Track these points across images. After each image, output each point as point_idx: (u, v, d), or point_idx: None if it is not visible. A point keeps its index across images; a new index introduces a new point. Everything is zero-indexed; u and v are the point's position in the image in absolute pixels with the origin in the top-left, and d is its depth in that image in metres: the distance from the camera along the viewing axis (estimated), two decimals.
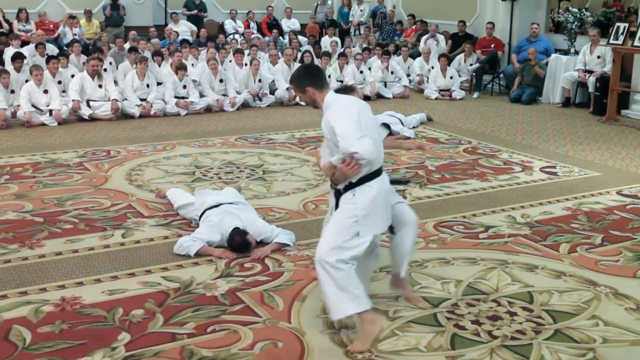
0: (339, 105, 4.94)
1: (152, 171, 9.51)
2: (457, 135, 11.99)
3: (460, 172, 9.56)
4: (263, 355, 4.81)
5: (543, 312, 5.49)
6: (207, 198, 7.32)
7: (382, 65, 16.51)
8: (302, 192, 8.61)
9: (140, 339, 5.01)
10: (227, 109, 14.27)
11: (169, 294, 5.74)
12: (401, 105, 14.99)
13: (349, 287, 4.77)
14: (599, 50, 14.67)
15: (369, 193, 4.89)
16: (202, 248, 6.55)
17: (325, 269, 4.79)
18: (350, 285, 4.78)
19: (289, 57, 15.52)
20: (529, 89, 15.77)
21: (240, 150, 10.80)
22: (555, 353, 4.87)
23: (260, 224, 6.98)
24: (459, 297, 5.74)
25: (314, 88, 5.04)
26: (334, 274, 4.76)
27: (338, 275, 4.76)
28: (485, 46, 17.61)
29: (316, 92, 5.05)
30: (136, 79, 13.73)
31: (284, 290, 5.81)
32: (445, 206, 8.09)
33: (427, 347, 4.95)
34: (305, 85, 5.06)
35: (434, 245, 6.87)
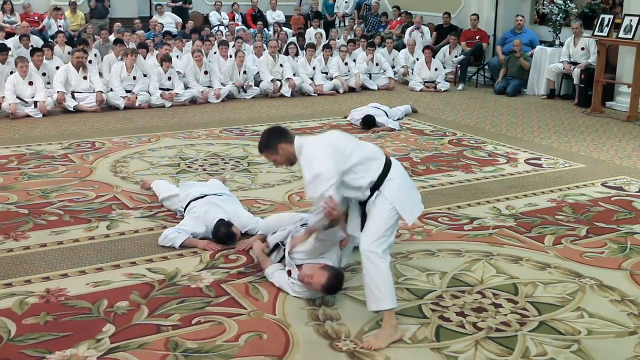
0: (309, 148, 4.99)
1: (137, 163, 9.49)
2: (442, 127, 12.00)
3: (446, 164, 9.57)
4: (248, 347, 4.81)
5: (528, 304, 5.50)
6: (192, 190, 7.30)
7: (367, 58, 16.52)
8: (287, 184, 8.60)
9: (125, 330, 5.00)
10: (212, 100, 14.25)
11: (154, 285, 5.73)
12: (386, 97, 15.00)
13: (389, 283, 4.89)
14: (583, 42, 14.71)
15: (393, 184, 4.96)
16: (187, 240, 6.55)
17: (371, 260, 4.85)
18: (390, 280, 4.90)
19: (273, 49, 15.49)
20: (514, 81, 15.79)
21: (226, 142, 10.78)
22: (540, 345, 4.89)
23: (246, 216, 6.98)
24: (444, 289, 5.75)
25: (286, 143, 5.06)
26: (381, 265, 4.85)
27: (385, 266, 4.86)
28: (470, 38, 17.62)
29: (288, 146, 5.05)
30: (124, 71, 13.70)
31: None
32: (431, 198, 8.09)
33: (412, 339, 4.96)
34: (277, 145, 5.07)
35: (419, 237, 6.88)
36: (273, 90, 15.02)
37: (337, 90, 15.77)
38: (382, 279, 4.85)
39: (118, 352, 4.71)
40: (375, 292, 4.88)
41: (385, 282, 4.87)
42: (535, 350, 4.82)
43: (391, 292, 4.90)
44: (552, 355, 4.76)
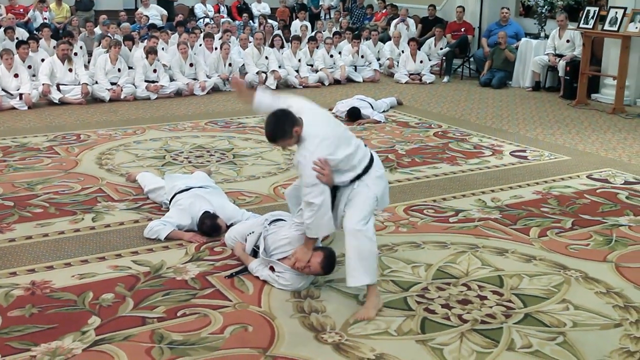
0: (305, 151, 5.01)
1: (123, 155, 9.47)
2: (427, 119, 12.02)
3: (431, 156, 9.58)
4: (233, 339, 4.81)
5: (513, 296, 5.51)
6: (177, 182, 7.30)
7: (353, 50, 16.51)
8: (272, 176, 8.60)
9: (110, 322, 5.00)
10: (198, 92, 14.23)
11: (139, 277, 5.73)
12: (371, 89, 15.00)
13: (372, 260, 5.13)
14: (568, 34, 14.74)
15: (373, 174, 5.22)
16: (172, 232, 6.54)
17: (358, 238, 5.06)
18: (373, 258, 5.13)
19: (259, 41, 15.46)
20: (499, 73, 15.82)
21: (211, 134, 10.77)
22: (525, 337, 4.90)
23: (231, 208, 6.98)
24: (429, 281, 5.76)
25: (298, 125, 5.00)
26: (366, 244, 5.07)
27: (371, 247, 5.10)
28: (456, 30, 17.64)
29: (299, 127, 5.00)
30: (108, 63, 13.66)
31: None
32: (416, 190, 8.11)
33: (397, 331, 4.97)
34: (292, 129, 4.98)
35: (404, 229, 6.89)
36: (258, 82, 14.99)
37: (322, 82, 15.78)
38: (366, 256, 5.08)
39: (103, 344, 4.70)
40: (357, 268, 5.06)
41: (370, 259, 5.10)
42: (520, 342, 4.83)
43: (374, 268, 5.17)
44: (537, 347, 4.78)
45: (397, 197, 7.79)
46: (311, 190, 4.98)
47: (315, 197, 4.99)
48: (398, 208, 7.45)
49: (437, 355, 4.65)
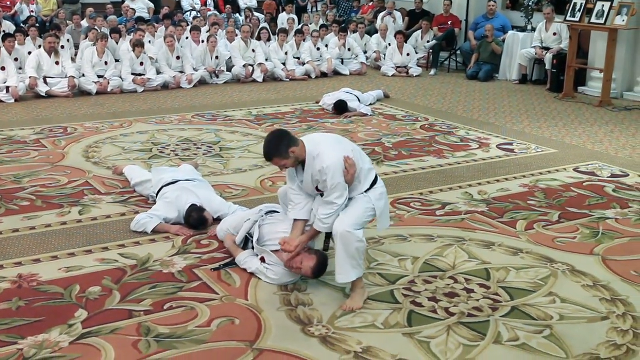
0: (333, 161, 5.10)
1: (109, 148, 9.45)
2: (414, 112, 12.02)
3: (418, 149, 9.59)
4: (220, 332, 4.81)
5: (500, 289, 5.52)
6: (164, 175, 7.29)
7: (340, 43, 16.50)
8: (259, 169, 8.60)
9: (97, 316, 4.99)
10: (184, 86, 14.21)
11: (126, 271, 5.72)
12: (358, 82, 15.01)
13: (359, 256, 5.19)
14: (555, 27, 14.77)
15: (379, 190, 5.36)
16: (159, 225, 6.54)
17: (347, 239, 5.11)
18: (360, 257, 5.19)
19: (246, 34, 15.44)
20: (486, 66, 15.83)
21: (197, 127, 10.76)
22: (512, 330, 4.91)
23: (218, 201, 6.97)
24: (416, 274, 5.77)
25: (295, 146, 5.08)
26: (355, 245, 5.13)
27: (360, 246, 5.16)
28: (442, 23, 17.65)
29: (297, 148, 5.08)
30: (95, 56, 13.63)
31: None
32: (402, 183, 8.12)
33: (384, 324, 4.98)
34: (287, 150, 5.06)
35: (391, 222, 6.87)
36: (245, 75, 14.99)
37: (309, 75, 15.77)
38: (354, 254, 5.14)
39: (90, 337, 4.70)
40: (345, 267, 5.14)
41: (357, 256, 5.17)
42: (507, 335, 4.84)
43: (361, 262, 5.24)
44: (524, 340, 4.79)
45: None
46: (336, 191, 5.10)
47: (339, 198, 5.12)
48: None
49: (424, 349, 4.66)
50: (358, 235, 5.15)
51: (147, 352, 4.54)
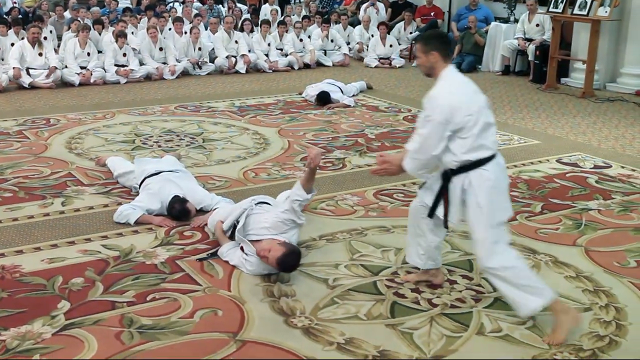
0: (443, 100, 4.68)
1: (92, 139, 9.43)
2: (397, 104, 12.03)
3: (400, 140, 9.57)
4: (203, 323, 4.81)
5: (483, 280, 5.51)
6: (147, 166, 7.28)
7: (322, 34, 16.49)
8: (241, 160, 8.59)
9: (79, 307, 4.98)
10: (167, 77, 14.20)
11: (108, 262, 5.71)
12: (341, 73, 15.00)
13: (523, 282, 4.65)
14: (538, 18, 14.81)
15: (486, 178, 4.67)
16: (142, 216, 6.53)
17: (495, 276, 4.72)
18: (522, 280, 4.66)
19: (229, 25, 15.41)
20: (468, 57, 15.85)
21: (180, 118, 10.74)
22: (495, 321, 4.93)
23: (200, 192, 6.97)
24: (398, 265, 5.77)
25: (440, 55, 4.81)
26: (503, 275, 4.67)
27: (506, 275, 4.66)
28: (425, 14, 17.69)
29: (440, 60, 4.82)
30: (77, 47, 13.59)
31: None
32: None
33: (367, 315, 4.98)
34: (432, 48, 4.80)
35: (373, 214, 6.91)
36: (228, 66, 14.97)
37: (291, 66, 15.76)
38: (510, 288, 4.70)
39: (73, 329, 4.69)
40: (511, 301, 4.76)
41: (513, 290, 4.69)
42: (490, 326, 4.86)
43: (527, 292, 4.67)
44: (506, 331, 4.81)
45: (367, 181, 7.82)
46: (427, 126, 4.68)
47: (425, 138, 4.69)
48: (368, 192, 7.47)
49: (407, 340, 4.67)
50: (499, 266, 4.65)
51: (129, 343, 4.53)
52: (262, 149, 9.06)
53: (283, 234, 5.60)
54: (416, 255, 5.27)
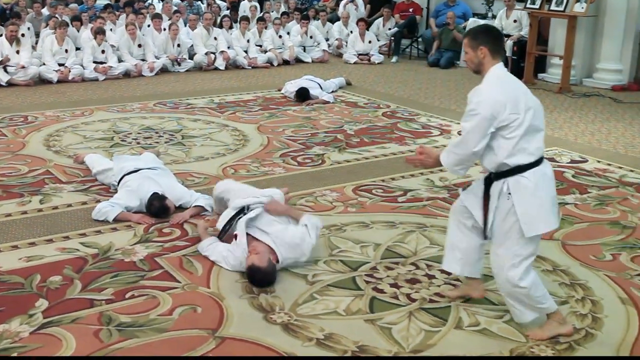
0: (490, 95, 4.50)
1: (70, 137, 9.39)
2: (376, 100, 12.06)
3: (379, 136, 9.62)
4: (182, 320, 4.81)
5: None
6: (126, 163, 7.26)
7: (301, 30, 16.50)
8: (221, 156, 8.59)
9: (58, 305, 4.97)
10: (146, 73, 14.14)
11: (87, 260, 5.69)
12: (320, 69, 15.01)
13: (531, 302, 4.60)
14: (515, 14, 14.88)
15: (524, 186, 4.46)
16: (120, 213, 6.51)
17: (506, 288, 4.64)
18: (532, 301, 4.59)
19: (208, 21, 15.39)
20: (447, 53, 15.91)
21: (159, 115, 10.71)
22: (473, 315, 4.96)
23: (179, 189, 6.96)
24: (377, 261, 5.80)
25: (489, 51, 4.60)
26: (517, 294, 4.59)
27: (521, 292, 4.56)
28: (404, 10, 17.70)
29: (488, 56, 4.61)
30: (55, 44, 13.50)
31: (204, 255, 5.79)
32: (364, 170, 8.14)
33: (346, 310, 5.00)
34: (481, 43, 4.60)
35: (352, 209, 6.92)
36: (207, 63, 14.94)
37: (271, 62, 15.75)
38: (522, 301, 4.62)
39: (51, 327, 4.68)
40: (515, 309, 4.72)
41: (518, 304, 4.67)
42: (468, 321, 4.89)
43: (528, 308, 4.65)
44: (484, 325, 4.84)
45: (346, 177, 7.84)
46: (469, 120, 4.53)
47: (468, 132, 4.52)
48: (347, 188, 7.48)
49: (386, 335, 4.69)
50: (524, 284, 4.51)
51: (108, 341, 4.53)
52: (241, 145, 9.06)
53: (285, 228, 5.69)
54: (453, 260, 5.05)
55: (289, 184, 7.36)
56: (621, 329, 4.86)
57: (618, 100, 12.29)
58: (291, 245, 5.54)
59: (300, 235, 5.59)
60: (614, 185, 7.81)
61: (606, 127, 10.45)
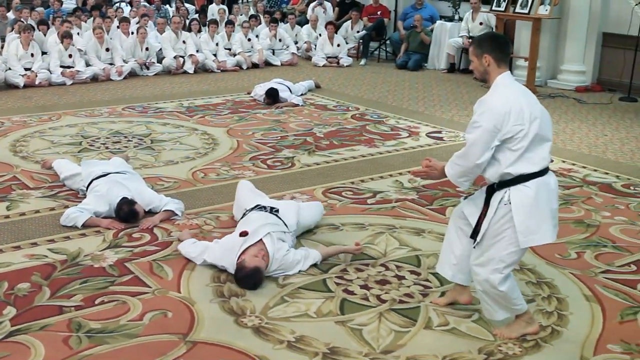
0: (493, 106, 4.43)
1: (38, 142, 9.32)
2: (345, 102, 12.08)
3: (348, 139, 9.65)
4: (152, 325, 4.81)
5: (430, 275, 5.61)
6: (94, 168, 7.23)
7: (271, 33, 16.49)
8: (190, 160, 8.57)
9: (26, 312, 4.94)
10: (114, 78, 14.06)
11: (55, 266, 5.67)
12: (289, 72, 15.01)
13: (506, 303, 4.62)
14: (481, 16, 14.99)
15: (525, 195, 4.44)
16: (89, 219, 6.48)
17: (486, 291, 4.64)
18: (507, 302, 4.62)
19: (176, 25, 15.34)
20: (415, 56, 15.97)
21: (128, 119, 10.67)
22: (442, 315, 5.00)
23: (149, 194, 6.94)
24: (347, 263, 5.83)
25: (493, 59, 4.54)
26: (494, 294, 4.60)
27: (498, 294, 4.58)
28: (372, 13, 17.73)
29: (492, 64, 4.56)
30: (20, 48, 13.40)
31: (173, 260, 5.80)
32: (334, 172, 8.17)
33: (317, 312, 5.03)
34: (485, 51, 4.56)
35: (323, 212, 6.93)
36: (175, 66, 14.89)
37: (240, 66, 15.73)
38: (498, 301, 4.65)
39: (19, 335, 4.65)
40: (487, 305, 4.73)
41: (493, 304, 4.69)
42: (438, 320, 4.94)
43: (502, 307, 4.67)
44: (453, 324, 4.89)
45: (316, 179, 7.86)
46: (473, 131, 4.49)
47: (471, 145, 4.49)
48: (317, 191, 7.50)
49: (356, 336, 4.72)
50: (503, 289, 4.55)
51: (78, 348, 4.51)
52: (211, 149, 9.05)
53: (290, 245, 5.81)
54: (447, 264, 5.01)
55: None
56: (586, 325, 4.94)
57: (582, 101, 12.42)
58: (285, 263, 5.58)
59: (297, 259, 5.66)
60: (578, 184, 7.90)
61: (570, 127, 10.55)
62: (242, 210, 6.23)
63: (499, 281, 4.52)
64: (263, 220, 5.79)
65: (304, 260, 5.68)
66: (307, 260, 5.69)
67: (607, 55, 13.63)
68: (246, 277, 5.34)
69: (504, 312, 4.69)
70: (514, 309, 4.67)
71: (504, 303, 4.63)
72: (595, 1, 13.35)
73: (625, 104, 12.43)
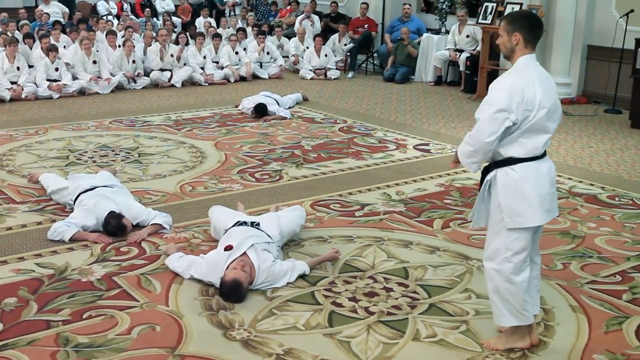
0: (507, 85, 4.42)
1: (24, 156, 9.30)
2: (333, 115, 12.09)
3: (336, 151, 9.66)
4: (141, 339, 4.80)
5: (418, 287, 5.64)
6: (82, 182, 7.22)
7: (259, 47, 16.49)
8: (178, 174, 8.56)
9: (13, 327, 4.93)
10: (103, 90, 14.01)
11: (43, 280, 5.65)
12: (277, 85, 15.03)
13: (511, 300, 4.56)
14: (468, 29, 15.03)
15: (510, 177, 4.49)
16: (76, 233, 6.47)
17: (491, 277, 4.62)
18: (512, 297, 4.56)
19: (164, 37, 15.33)
20: (402, 68, 16.00)
21: (115, 133, 10.65)
22: (430, 327, 5.02)
23: (137, 207, 6.93)
24: (336, 275, 5.84)
25: (523, 39, 4.48)
26: (503, 286, 4.56)
27: (509, 289, 4.54)
28: (359, 26, 17.77)
29: (521, 43, 4.51)
30: (6, 62, 13.36)
31: (161, 274, 5.79)
32: (322, 185, 8.18)
33: (306, 325, 5.03)
34: (517, 29, 4.49)
35: (311, 224, 6.94)
36: (163, 79, 14.88)
37: (227, 79, 15.72)
38: (506, 299, 4.59)
39: (6, 350, 4.64)
40: (496, 308, 4.67)
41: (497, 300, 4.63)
42: (426, 332, 4.95)
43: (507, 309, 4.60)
44: (441, 336, 4.91)
45: (304, 192, 7.87)
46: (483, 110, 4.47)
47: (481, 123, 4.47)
48: (305, 203, 7.50)
49: (345, 348, 4.72)
50: (503, 271, 4.53)
51: None
52: (198, 162, 9.05)
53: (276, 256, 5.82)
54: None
55: (247, 200, 7.37)
56: (572, 336, 4.98)
57: (567, 113, 12.43)
58: (272, 274, 5.59)
59: (284, 270, 5.67)
60: (564, 196, 7.92)
61: (556, 139, 10.58)
62: (222, 231, 6.19)
63: (510, 270, 4.50)
64: (246, 233, 5.80)
65: (291, 272, 5.69)
66: (294, 271, 5.71)
67: (592, 68, 13.69)
68: (227, 291, 5.36)
69: (511, 317, 4.62)
70: (522, 315, 4.61)
71: (514, 304, 4.56)
72: (580, 14, 13.41)
73: (611, 115, 12.50)
